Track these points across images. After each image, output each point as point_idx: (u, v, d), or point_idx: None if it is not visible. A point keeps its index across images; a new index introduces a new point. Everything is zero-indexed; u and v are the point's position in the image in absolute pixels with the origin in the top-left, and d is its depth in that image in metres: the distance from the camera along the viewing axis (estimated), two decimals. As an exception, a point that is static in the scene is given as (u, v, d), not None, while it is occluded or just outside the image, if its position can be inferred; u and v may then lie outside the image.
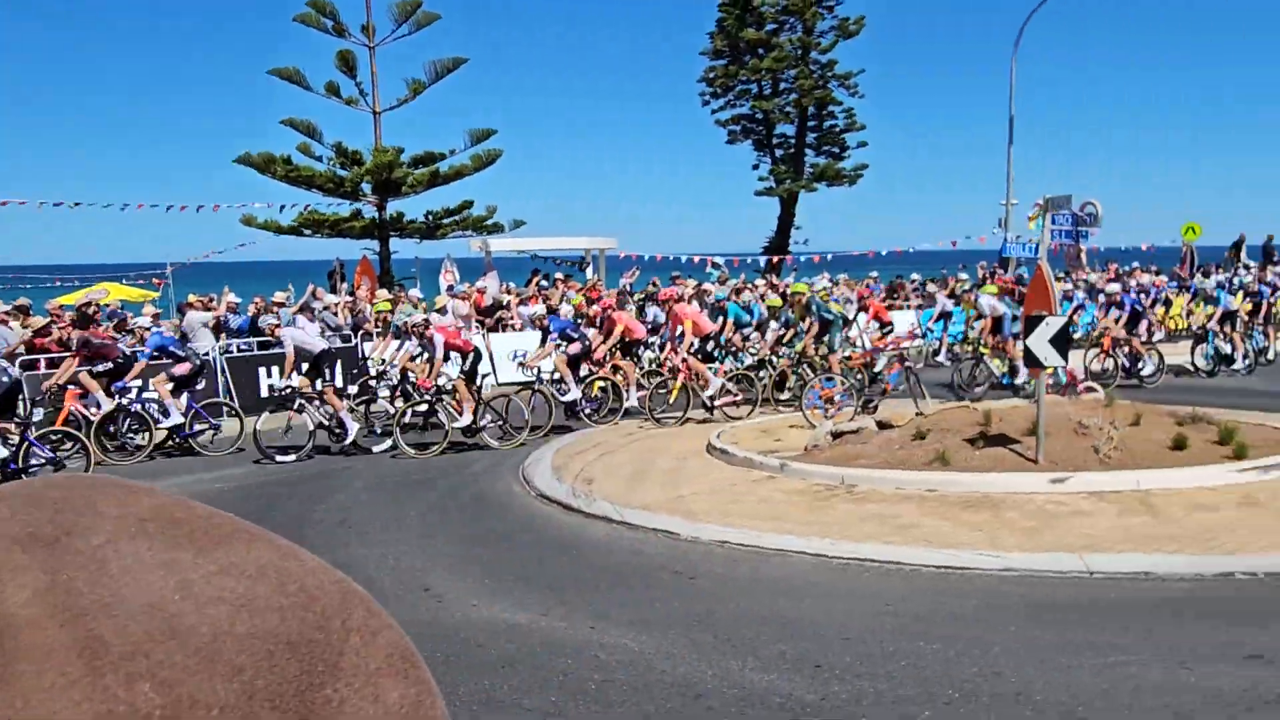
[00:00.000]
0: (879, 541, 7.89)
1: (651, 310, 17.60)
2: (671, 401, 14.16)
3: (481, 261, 25.68)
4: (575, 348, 14.20)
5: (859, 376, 14.48)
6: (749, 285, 20.45)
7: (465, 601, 6.88)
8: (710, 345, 15.07)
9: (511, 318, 19.47)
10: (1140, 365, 16.52)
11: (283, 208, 26.97)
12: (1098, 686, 5.14)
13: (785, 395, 15.00)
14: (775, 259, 33.32)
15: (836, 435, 11.29)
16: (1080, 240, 15.78)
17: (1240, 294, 20.12)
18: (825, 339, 14.57)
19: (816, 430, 11.72)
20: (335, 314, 18.32)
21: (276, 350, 16.07)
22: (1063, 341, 9.72)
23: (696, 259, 27.20)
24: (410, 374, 13.59)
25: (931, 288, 23.83)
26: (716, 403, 14.06)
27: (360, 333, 17.39)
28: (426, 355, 13.13)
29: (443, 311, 18.65)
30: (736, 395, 14.30)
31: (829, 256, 31.21)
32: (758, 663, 5.61)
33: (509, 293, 19.85)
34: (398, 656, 0.48)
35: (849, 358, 14.74)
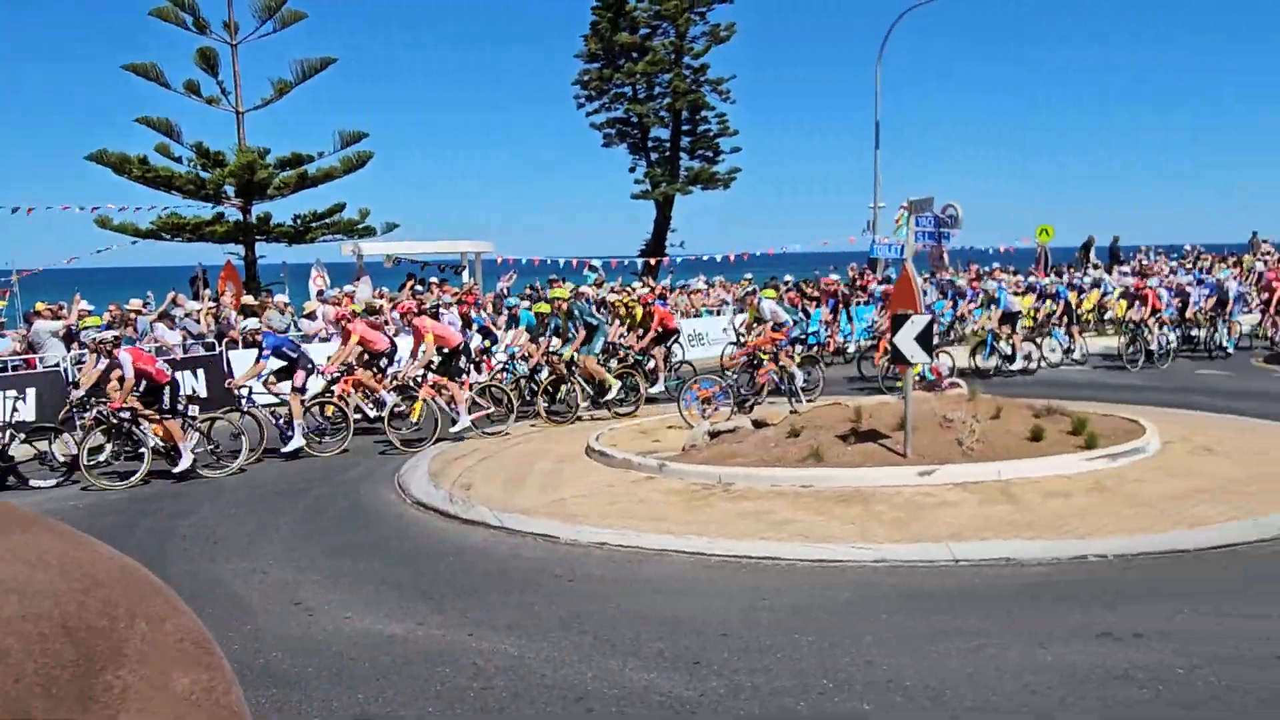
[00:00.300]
0: (755, 538, 8.02)
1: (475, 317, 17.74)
2: (416, 420, 13.21)
3: (354, 266, 25.08)
4: (300, 377, 12.84)
5: (735, 377, 14.70)
6: (540, 290, 20.55)
7: (338, 614, 6.69)
8: (469, 357, 14.52)
9: (385, 322, 19.05)
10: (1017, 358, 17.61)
11: (138, 209, 25.78)
12: (963, 670, 5.33)
13: (557, 405, 14.72)
14: (652, 261, 33.57)
15: (714, 435, 11.43)
16: (942, 241, 16.43)
17: (1033, 294, 21.10)
18: (590, 344, 14.30)
19: (694, 430, 11.85)
20: (198, 321, 17.61)
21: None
22: (928, 339, 10.06)
23: (575, 262, 27.19)
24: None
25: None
26: (470, 417, 13.38)
27: (225, 341, 16.74)
28: (119, 374, 11.39)
29: (312, 317, 18.14)
30: (488, 408, 13.82)
31: (705, 258, 31.61)
32: (638, 662, 5.62)
33: (381, 297, 19.41)
34: (189, 643, 0.45)
35: (732, 358, 14.95)
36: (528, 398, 14.80)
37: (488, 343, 16.64)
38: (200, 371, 15.97)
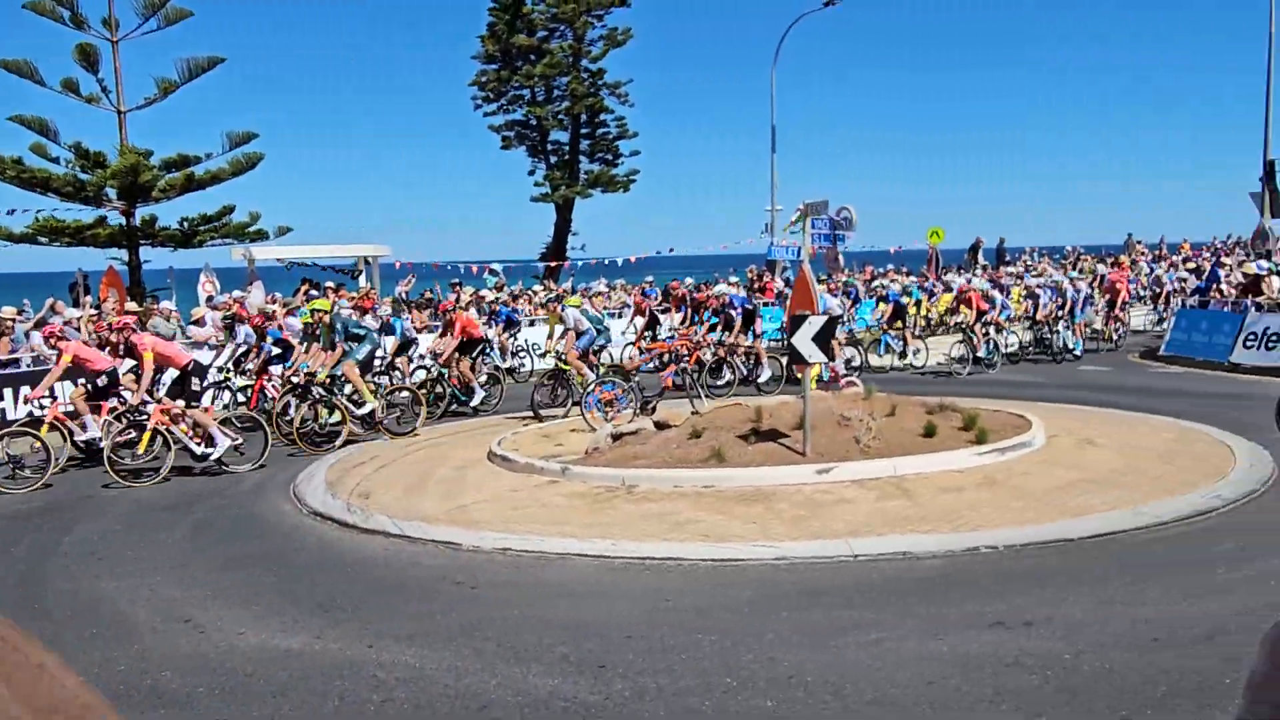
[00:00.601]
0: (659, 540, 8.04)
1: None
2: (143, 452, 11.80)
3: (245, 271, 24.35)
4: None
5: (635, 379, 14.74)
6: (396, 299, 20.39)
7: (231, 630, 6.47)
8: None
9: (279, 329, 18.53)
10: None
11: (11, 212, 24.56)
12: (862, 663, 5.44)
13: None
14: (553, 264, 33.47)
15: (616, 437, 11.43)
16: (837, 243, 16.77)
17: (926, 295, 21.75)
18: (354, 354, 13.69)
19: (597, 433, 11.83)
20: (78, 329, 16.85)
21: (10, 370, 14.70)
22: (826, 339, 10.25)
23: (475, 266, 26.91)
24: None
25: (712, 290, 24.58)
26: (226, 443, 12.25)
27: (107, 349, 16.03)
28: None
29: (200, 324, 17.56)
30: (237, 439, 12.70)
31: (605, 261, 31.66)
32: (542, 668, 5.58)
33: (274, 302, 18.89)
34: None
35: (620, 364, 15.02)
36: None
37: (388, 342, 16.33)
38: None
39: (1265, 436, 10.50)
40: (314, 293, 20.68)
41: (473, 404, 15.57)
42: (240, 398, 15.16)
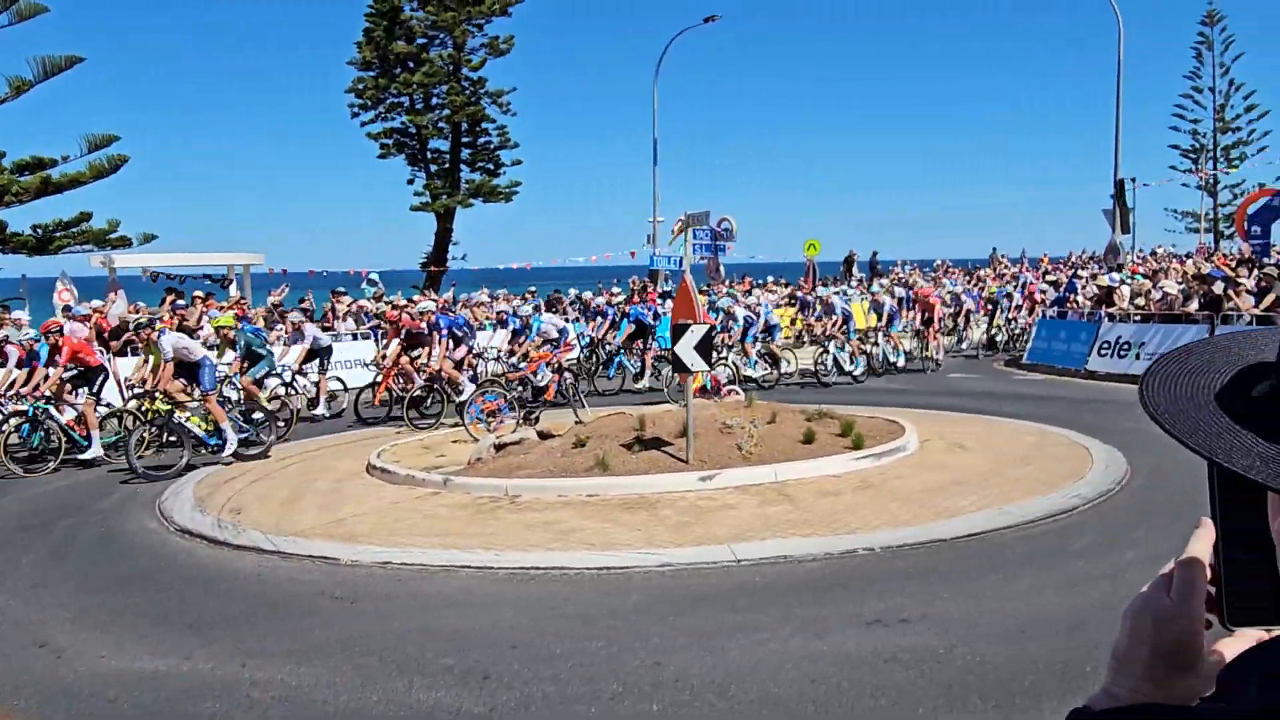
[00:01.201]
0: (543, 549, 7.99)
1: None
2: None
3: (105, 280, 23.24)
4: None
5: (519, 389, 14.63)
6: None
7: (91, 654, 6.13)
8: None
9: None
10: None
11: None
12: (746, 664, 5.51)
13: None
14: (434, 272, 33.00)
15: (499, 447, 11.32)
16: (718, 254, 17.03)
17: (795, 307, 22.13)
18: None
19: (479, 444, 11.69)
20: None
21: None
22: (707, 348, 10.37)
23: (352, 273, 26.31)
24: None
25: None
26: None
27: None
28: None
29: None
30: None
31: (488, 268, 31.41)
32: (425, 681, 5.47)
33: (137, 312, 18.07)
34: None
35: (504, 373, 14.92)
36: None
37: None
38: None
39: (1119, 439, 11.10)
40: (180, 303, 19.89)
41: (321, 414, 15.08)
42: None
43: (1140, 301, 19.57)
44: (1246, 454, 0.69)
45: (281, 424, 13.74)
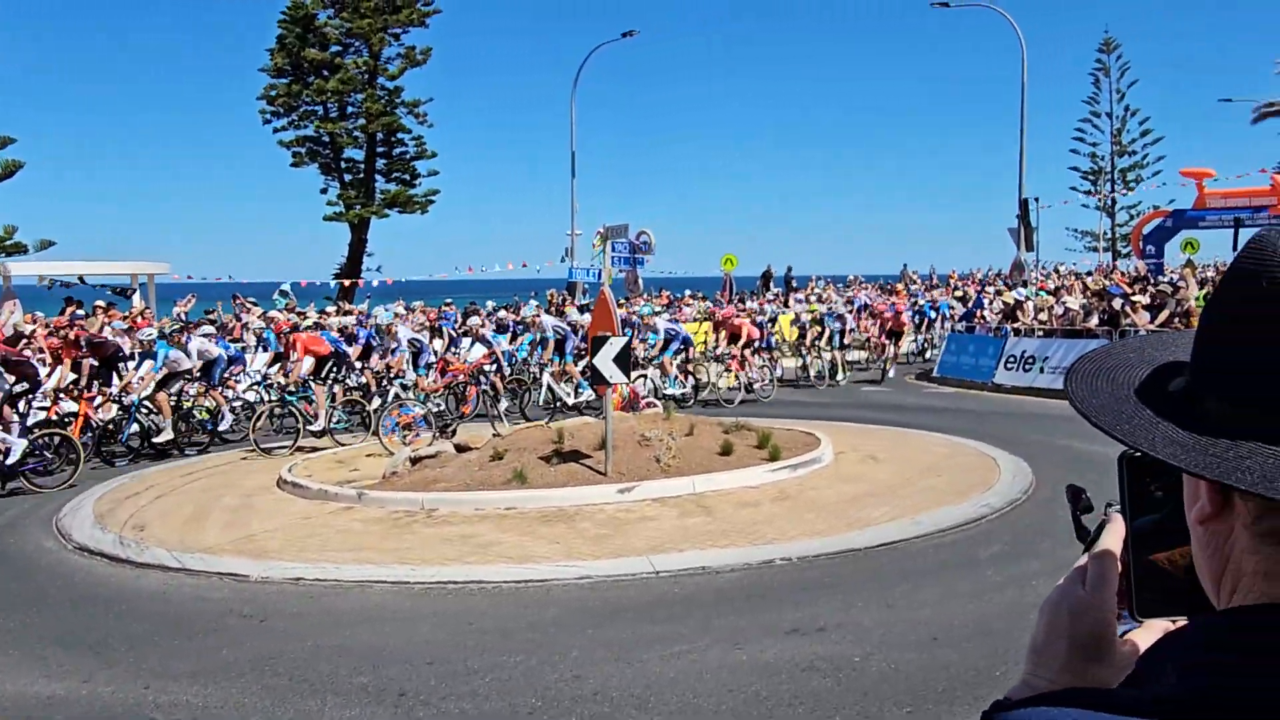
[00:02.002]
0: (460, 563, 7.89)
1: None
2: None
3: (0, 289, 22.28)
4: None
5: (437, 402, 14.47)
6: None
7: (-18, 678, 5.85)
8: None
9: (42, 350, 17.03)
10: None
11: None
12: (666, 675, 5.51)
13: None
14: (347, 284, 32.45)
15: (415, 461, 11.15)
16: (637, 267, 17.10)
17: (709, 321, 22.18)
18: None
19: (394, 457, 11.50)
20: None
21: None
22: (625, 360, 10.38)
23: (262, 284, 25.68)
24: None
25: (504, 314, 24.45)
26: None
27: None
28: None
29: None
30: None
31: (404, 280, 31.02)
32: (339, 699, 5.34)
33: (34, 322, 17.38)
34: None
35: (415, 383, 14.71)
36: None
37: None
38: None
39: (1025, 450, 11.43)
40: (79, 313, 19.18)
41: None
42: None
43: (1044, 317, 20.24)
44: (1170, 443, 0.73)
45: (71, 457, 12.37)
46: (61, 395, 13.40)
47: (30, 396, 12.42)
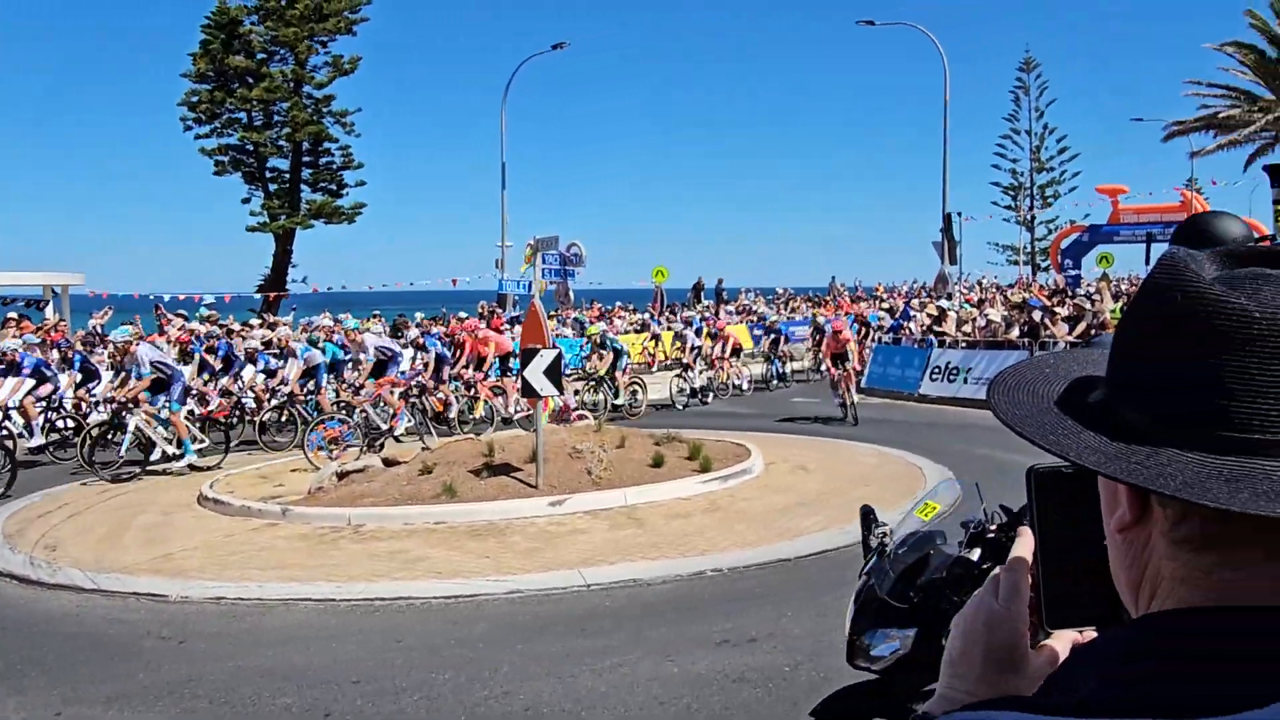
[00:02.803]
0: (388, 579, 7.76)
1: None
2: None
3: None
4: None
5: (363, 415, 14.23)
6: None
7: (-120, 708, 5.58)
8: None
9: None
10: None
11: None
12: (598, 689, 5.48)
13: None
14: (272, 296, 31.84)
15: (342, 476, 10.96)
16: (568, 279, 17.07)
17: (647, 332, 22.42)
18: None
19: (320, 472, 11.29)
20: None
21: None
22: (556, 373, 10.34)
23: (183, 296, 25.07)
24: None
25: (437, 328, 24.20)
26: None
27: None
28: None
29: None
30: None
31: (329, 289, 30.53)
32: (261, 722, 5.20)
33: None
34: None
35: (341, 400, 14.53)
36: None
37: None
38: None
39: (950, 459, 11.64)
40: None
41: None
42: None
43: (967, 329, 20.69)
44: (1093, 451, 0.74)
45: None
46: None
47: None
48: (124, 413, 12.51)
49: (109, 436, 12.74)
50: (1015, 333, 18.97)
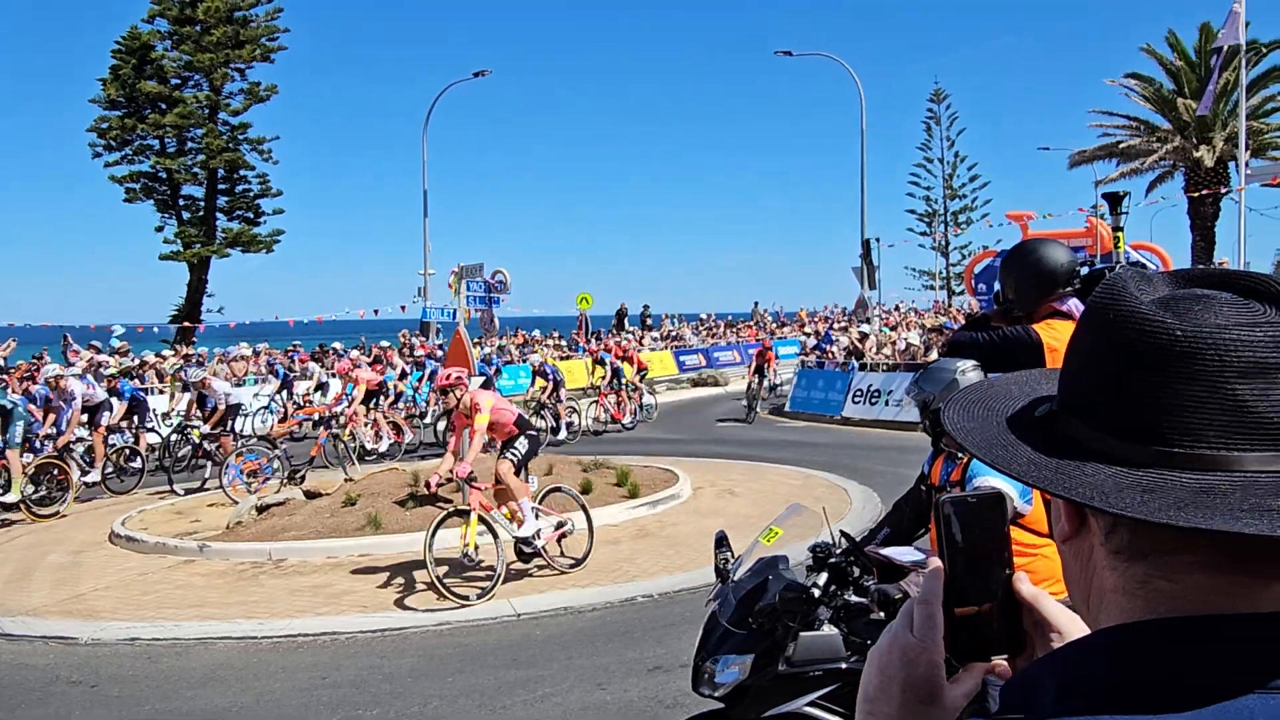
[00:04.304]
0: (312, 614, 7.57)
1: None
2: None
3: None
4: None
5: (283, 447, 13.91)
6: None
7: None
8: None
9: None
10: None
11: None
12: (530, 719, 5.40)
13: None
14: (186, 326, 31.03)
15: (262, 509, 10.68)
16: (493, 306, 16.93)
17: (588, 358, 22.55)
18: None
19: (239, 506, 10.98)
20: None
21: None
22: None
23: (94, 326, 24.28)
24: None
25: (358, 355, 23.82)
26: None
27: None
28: None
29: None
30: None
31: (247, 322, 29.87)
32: (180, 766, 5.02)
33: None
34: None
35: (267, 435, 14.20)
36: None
37: None
38: None
39: (873, 480, 11.82)
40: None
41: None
42: None
43: (887, 352, 21.08)
44: (1028, 463, 0.77)
45: None
46: None
47: None
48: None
49: None
50: (933, 355, 19.40)
